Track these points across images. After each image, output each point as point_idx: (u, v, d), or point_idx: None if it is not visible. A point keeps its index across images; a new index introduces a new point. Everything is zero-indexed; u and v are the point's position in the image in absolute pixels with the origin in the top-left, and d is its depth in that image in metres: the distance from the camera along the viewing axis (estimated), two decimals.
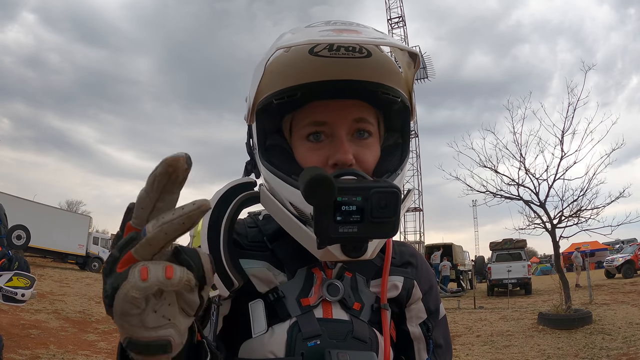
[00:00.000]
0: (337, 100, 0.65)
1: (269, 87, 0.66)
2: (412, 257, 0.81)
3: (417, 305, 0.77)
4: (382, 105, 0.69)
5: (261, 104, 0.67)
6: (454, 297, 15.28)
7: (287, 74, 0.64)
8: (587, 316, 7.70)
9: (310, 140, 0.66)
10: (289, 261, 0.70)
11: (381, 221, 0.52)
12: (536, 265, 29.01)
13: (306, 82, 0.63)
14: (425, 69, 27.75)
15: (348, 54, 0.63)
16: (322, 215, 0.51)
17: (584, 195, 8.67)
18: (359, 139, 0.67)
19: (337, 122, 0.65)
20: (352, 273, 0.71)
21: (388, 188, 0.53)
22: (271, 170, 0.66)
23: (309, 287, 0.68)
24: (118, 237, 0.42)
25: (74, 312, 8.99)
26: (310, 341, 0.63)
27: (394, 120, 0.72)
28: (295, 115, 0.68)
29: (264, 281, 0.68)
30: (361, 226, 0.52)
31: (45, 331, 7.05)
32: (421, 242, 24.97)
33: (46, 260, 19.46)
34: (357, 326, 0.66)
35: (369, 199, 0.52)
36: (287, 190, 0.63)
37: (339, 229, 0.52)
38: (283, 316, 0.66)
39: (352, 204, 0.52)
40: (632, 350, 5.86)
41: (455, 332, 8.44)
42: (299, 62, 0.64)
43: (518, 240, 16.24)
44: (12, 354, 5.53)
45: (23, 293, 3.42)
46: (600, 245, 23.53)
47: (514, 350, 6.67)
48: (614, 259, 16.92)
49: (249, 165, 0.75)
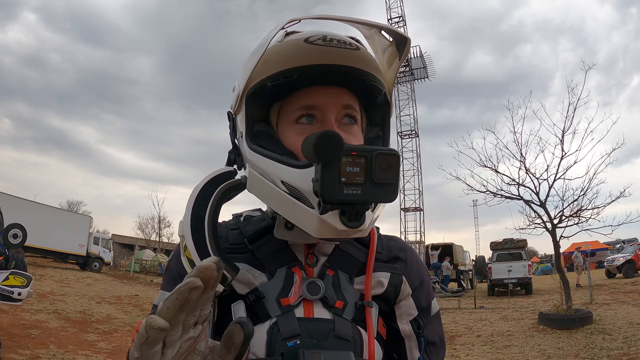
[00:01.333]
0: (327, 87, 0.68)
1: (262, 73, 0.67)
2: (401, 252, 0.80)
3: (407, 302, 0.75)
4: (367, 95, 0.72)
5: (253, 89, 0.67)
6: (454, 297, 15.27)
7: (281, 61, 0.66)
8: (587, 316, 7.70)
9: (301, 123, 0.68)
10: (269, 261, 0.70)
11: (383, 183, 0.54)
12: (537, 265, 29.01)
13: (303, 64, 0.65)
14: (426, 68, 27.77)
15: (340, 44, 0.66)
16: (328, 174, 0.52)
17: (585, 195, 8.70)
18: (347, 124, 0.69)
19: (327, 106, 0.67)
20: (334, 271, 0.70)
21: (390, 150, 0.55)
22: (261, 152, 0.66)
23: (289, 286, 0.67)
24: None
25: (74, 312, 9.00)
26: (290, 341, 0.62)
27: (375, 114, 0.75)
28: (285, 102, 0.69)
29: (244, 282, 0.68)
30: (364, 188, 0.53)
31: (46, 331, 7.06)
32: (421, 242, 24.96)
33: (47, 260, 19.49)
34: (339, 325, 0.65)
35: (372, 159, 0.53)
36: (279, 168, 0.63)
37: (344, 189, 0.53)
38: (263, 317, 0.65)
39: (356, 165, 0.53)
40: (633, 350, 5.85)
41: (456, 332, 8.44)
42: (294, 50, 0.66)
43: (518, 240, 16.25)
44: (12, 354, 5.54)
45: (19, 292, 3.41)
46: (600, 245, 23.53)
47: (514, 350, 6.67)
48: (615, 259, 16.90)
49: (231, 154, 0.74)
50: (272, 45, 0.67)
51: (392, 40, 0.71)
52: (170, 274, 0.74)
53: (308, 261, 0.71)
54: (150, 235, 32.96)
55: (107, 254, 21.57)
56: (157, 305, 0.70)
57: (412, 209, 26.46)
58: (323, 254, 0.73)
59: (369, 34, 0.73)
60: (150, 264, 25.06)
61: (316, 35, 0.66)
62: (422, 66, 27.68)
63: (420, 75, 27.81)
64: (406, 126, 26.78)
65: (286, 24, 0.62)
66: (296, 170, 0.60)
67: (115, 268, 24.19)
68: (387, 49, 0.72)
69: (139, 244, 33.88)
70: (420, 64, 27.57)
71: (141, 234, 32.15)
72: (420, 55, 27.45)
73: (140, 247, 32.22)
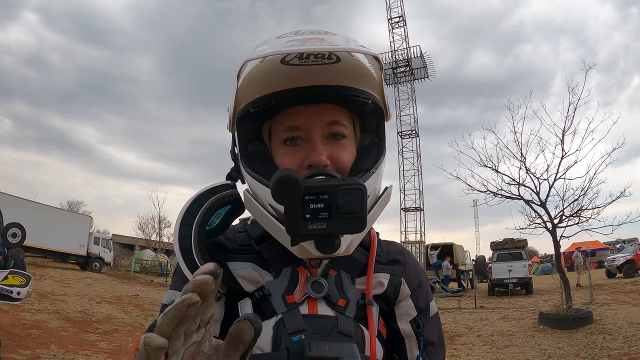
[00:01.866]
0: (311, 105, 0.70)
1: (247, 97, 0.70)
2: (400, 255, 0.82)
3: (406, 303, 0.78)
4: (354, 107, 0.73)
5: (240, 113, 0.71)
6: (454, 297, 15.27)
7: (261, 84, 0.68)
8: (587, 316, 7.70)
9: (287, 145, 0.71)
10: (275, 261, 0.73)
11: (348, 217, 0.56)
12: (537, 265, 29.00)
13: (278, 90, 0.68)
14: (426, 68, 27.76)
15: (317, 61, 0.65)
16: (291, 213, 0.55)
17: (585, 195, 8.70)
18: (334, 141, 0.71)
19: (310, 126, 0.70)
20: (337, 271, 0.73)
21: (352, 185, 0.57)
22: (252, 175, 0.70)
23: (294, 285, 0.71)
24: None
25: (74, 312, 9.01)
26: (295, 336, 0.64)
27: (369, 121, 0.76)
28: (274, 122, 0.72)
29: (251, 281, 0.71)
30: (329, 222, 0.56)
31: (46, 331, 7.07)
32: (422, 242, 24.96)
33: (47, 260, 19.51)
34: (341, 321, 0.68)
35: (334, 196, 0.56)
36: (266, 192, 0.65)
37: (309, 225, 0.55)
38: (269, 313, 0.68)
39: (319, 202, 0.56)
40: (633, 350, 5.85)
41: (456, 331, 8.44)
42: (272, 72, 0.67)
43: (519, 240, 16.25)
44: (12, 354, 5.54)
45: (19, 291, 3.41)
46: (601, 244, 23.52)
47: (514, 350, 6.67)
48: (615, 259, 16.91)
49: (233, 172, 0.78)
50: (254, 66, 0.68)
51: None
52: (180, 274, 0.75)
53: (312, 262, 0.74)
54: (150, 235, 33.00)
55: (107, 254, 21.59)
56: (165, 305, 0.72)
57: (412, 208, 26.45)
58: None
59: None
60: (150, 264, 25.09)
61: (292, 54, 0.63)
62: (422, 66, 27.66)
63: (421, 75, 27.80)
64: (406, 126, 26.77)
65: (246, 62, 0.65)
66: None
67: (115, 268, 24.21)
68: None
69: (139, 244, 33.91)
70: (420, 63, 27.56)
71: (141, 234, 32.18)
72: (421, 55, 27.45)
73: (141, 247, 32.25)
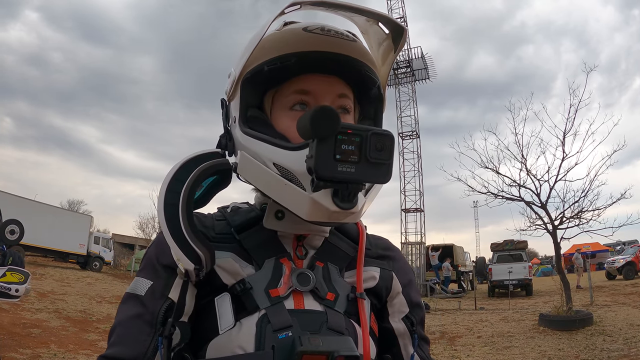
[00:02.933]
0: (322, 75, 0.68)
1: (259, 58, 0.67)
2: (388, 250, 0.80)
3: (399, 299, 0.76)
4: (361, 87, 0.72)
5: (250, 73, 0.67)
6: (454, 298, 15.26)
7: (279, 47, 0.66)
8: (588, 317, 7.69)
9: (295, 110, 0.67)
10: (257, 252, 0.68)
11: (377, 162, 0.54)
12: (537, 266, 28.97)
13: (301, 50, 0.65)
14: (427, 69, 27.72)
15: (337, 35, 0.67)
16: (323, 150, 0.52)
17: (586, 197, 8.68)
18: (341, 114, 0.68)
19: (322, 92, 0.67)
20: (324, 263, 0.69)
21: (384, 131, 0.55)
22: (253, 135, 0.65)
23: (278, 277, 0.65)
24: None
25: (74, 312, 9.01)
26: (281, 333, 0.59)
27: (369, 108, 0.75)
28: (280, 89, 0.69)
29: (230, 273, 0.65)
30: (358, 167, 0.53)
31: (46, 330, 7.07)
32: (422, 243, 24.92)
33: (47, 259, 19.49)
34: (331, 317, 0.63)
35: (367, 139, 0.53)
36: (271, 150, 0.63)
37: (338, 167, 0.52)
38: (251, 309, 0.62)
39: (351, 143, 0.53)
40: (633, 352, 5.84)
41: (456, 332, 8.43)
42: (292, 37, 0.67)
43: (519, 242, 16.22)
44: (13, 353, 5.54)
45: (17, 288, 3.40)
46: (601, 246, 23.49)
47: (514, 352, 6.66)
48: (615, 261, 16.88)
49: (223, 138, 0.73)
50: (271, 34, 0.68)
51: (388, 33, 0.71)
52: (149, 261, 0.70)
53: (297, 253, 0.70)
54: (150, 235, 32.85)
55: (107, 254, 21.58)
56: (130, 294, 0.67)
57: (412, 209, 26.42)
58: (312, 247, 0.72)
59: (365, 28, 0.73)
60: None
61: (314, 25, 0.67)
62: (424, 67, 27.63)
63: (422, 77, 27.77)
64: (407, 127, 26.71)
65: (286, 8, 0.61)
66: (289, 152, 0.61)
67: (115, 267, 24.21)
68: (382, 42, 0.73)
69: (139, 244, 33.84)
70: (422, 65, 27.52)
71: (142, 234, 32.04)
72: (422, 57, 27.43)
73: (141, 246, 32.19)
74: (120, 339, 0.64)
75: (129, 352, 0.62)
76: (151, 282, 0.67)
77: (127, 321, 0.65)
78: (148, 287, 0.66)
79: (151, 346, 0.62)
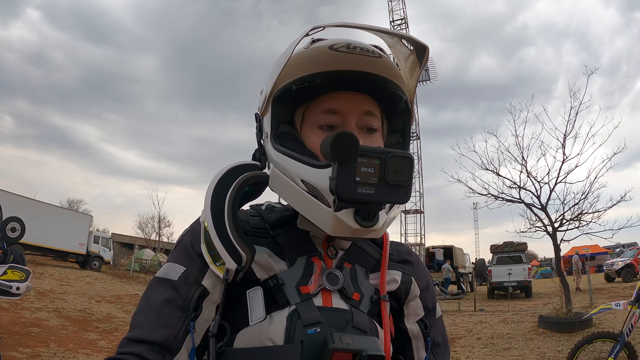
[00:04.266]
0: (349, 92, 0.70)
1: (288, 77, 0.69)
2: (409, 255, 0.83)
3: (415, 302, 0.78)
4: (388, 102, 0.73)
5: (279, 92, 0.70)
6: (454, 300, 15.26)
7: (307, 65, 0.69)
8: (587, 320, 7.69)
9: (323, 130, 0.69)
10: (290, 249, 0.71)
11: (396, 184, 0.56)
12: (536, 268, 28.97)
13: (327, 70, 0.68)
14: (428, 71, 27.76)
15: (363, 52, 0.69)
16: (344, 172, 0.55)
17: (586, 199, 8.69)
18: (367, 134, 0.71)
19: (348, 111, 0.69)
20: (352, 264, 0.72)
21: (403, 153, 0.57)
22: (283, 152, 0.68)
23: (309, 275, 0.69)
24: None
25: (74, 311, 9.01)
26: (310, 328, 0.62)
27: (396, 121, 0.77)
28: (309, 106, 0.72)
29: (264, 268, 0.68)
30: (378, 188, 0.56)
31: (46, 329, 7.07)
32: (422, 244, 24.94)
33: (47, 258, 19.48)
34: (356, 316, 0.67)
35: (386, 162, 0.56)
36: (300, 168, 0.65)
37: (358, 188, 0.55)
38: (282, 303, 0.66)
39: (370, 166, 0.55)
40: None
41: (456, 334, 8.43)
42: (319, 56, 0.69)
43: (519, 243, 16.24)
44: (12, 352, 5.54)
45: (18, 286, 3.39)
46: (600, 249, 23.48)
47: (514, 353, 6.66)
48: (614, 263, 16.87)
49: (257, 153, 0.76)
50: (299, 52, 0.71)
51: (413, 49, 0.73)
52: (183, 247, 0.72)
53: (328, 252, 0.73)
54: (150, 235, 32.91)
55: (107, 253, 21.57)
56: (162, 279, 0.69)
57: (412, 211, 26.44)
58: (341, 249, 0.74)
59: (392, 42, 0.74)
60: (150, 264, 25.03)
61: (340, 43, 0.69)
62: (425, 69, 27.68)
63: (422, 78, 27.80)
64: None
65: (310, 30, 0.64)
66: (315, 170, 0.63)
67: (115, 267, 24.17)
68: (408, 57, 0.75)
69: (138, 243, 33.86)
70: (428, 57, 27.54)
71: (141, 234, 32.11)
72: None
73: (140, 246, 32.20)
74: (148, 321, 0.65)
75: (157, 335, 0.63)
76: (185, 267, 0.69)
77: (158, 305, 0.66)
78: (181, 273, 0.68)
79: (182, 330, 0.64)
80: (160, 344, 0.62)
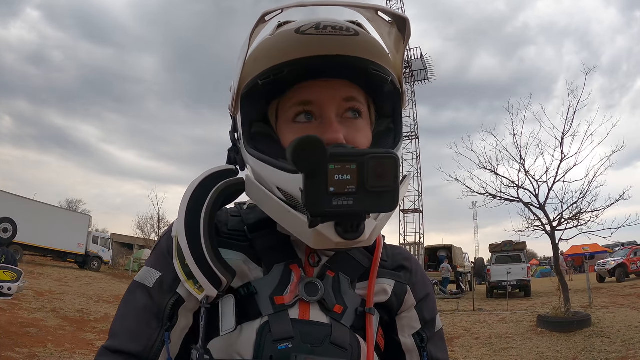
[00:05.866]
0: (326, 80, 0.62)
1: (253, 71, 0.62)
2: (406, 261, 0.75)
3: (410, 314, 0.71)
4: (372, 85, 0.65)
5: (246, 89, 0.63)
6: (453, 299, 15.26)
7: (272, 55, 0.61)
8: (586, 319, 7.68)
9: (298, 122, 0.62)
10: (267, 255, 0.65)
11: (379, 191, 0.48)
12: (536, 267, 28.98)
13: (293, 58, 0.59)
14: (427, 70, 27.75)
15: (335, 32, 0.60)
16: (313, 184, 0.46)
17: (584, 198, 8.67)
18: (350, 118, 0.63)
19: (325, 101, 0.61)
20: (335, 273, 0.65)
21: (385, 153, 0.49)
22: (257, 156, 0.61)
23: (285, 284, 0.62)
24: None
25: (72, 311, 9.00)
26: (281, 344, 0.57)
27: (385, 105, 0.69)
28: (282, 99, 0.64)
29: (238, 274, 0.62)
30: (357, 198, 0.47)
31: (44, 330, 7.05)
32: (421, 244, 24.94)
33: (45, 258, 19.46)
34: (336, 331, 0.60)
35: (364, 165, 0.47)
36: (274, 174, 0.58)
37: (333, 201, 0.47)
38: (253, 314, 0.60)
39: (346, 172, 0.47)
40: (632, 354, 5.84)
41: (454, 333, 8.42)
42: (284, 41, 0.61)
43: (517, 243, 16.22)
44: (10, 352, 5.52)
45: (9, 287, 3.39)
46: (600, 247, 23.49)
47: (512, 353, 6.65)
48: (606, 263, 16.79)
49: (231, 152, 0.69)
50: (263, 40, 0.63)
51: (393, 22, 0.63)
52: (160, 251, 0.68)
53: (310, 260, 0.66)
54: (149, 235, 32.80)
55: (106, 253, 21.55)
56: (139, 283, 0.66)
57: (411, 210, 26.43)
58: (325, 255, 0.67)
59: (371, 16, 0.65)
60: None
61: (309, 24, 0.59)
62: (423, 68, 27.67)
63: (421, 77, 27.81)
64: (406, 128, 26.72)
65: (265, 15, 0.56)
66: (291, 176, 0.56)
67: (114, 267, 24.17)
68: (391, 31, 0.64)
69: (138, 244, 33.80)
70: (421, 65, 27.55)
71: (140, 234, 32.01)
72: (421, 57, 27.46)
73: (140, 246, 32.14)
74: (125, 330, 0.63)
75: (135, 345, 0.61)
76: (160, 273, 0.65)
77: (134, 312, 0.64)
78: (156, 279, 0.65)
79: (157, 341, 0.61)
80: (136, 355, 0.60)
